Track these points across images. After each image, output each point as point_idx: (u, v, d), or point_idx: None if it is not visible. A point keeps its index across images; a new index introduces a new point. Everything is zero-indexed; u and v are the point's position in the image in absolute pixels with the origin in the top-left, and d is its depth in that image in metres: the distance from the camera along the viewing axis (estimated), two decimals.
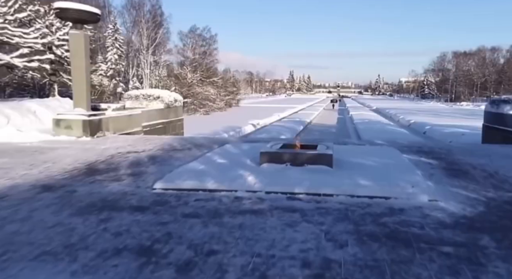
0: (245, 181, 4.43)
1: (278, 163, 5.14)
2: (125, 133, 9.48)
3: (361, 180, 4.47)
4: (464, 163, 6.07)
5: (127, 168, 5.44)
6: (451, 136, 19.16)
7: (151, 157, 6.39)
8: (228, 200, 4.01)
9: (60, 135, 8.18)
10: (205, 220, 3.40)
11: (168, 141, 8.10)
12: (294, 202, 3.97)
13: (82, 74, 8.32)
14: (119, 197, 4.03)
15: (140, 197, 4.05)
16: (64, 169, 5.29)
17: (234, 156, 5.92)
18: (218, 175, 4.64)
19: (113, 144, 7.71)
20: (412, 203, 3.93)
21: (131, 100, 12.89)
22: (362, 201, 4.00)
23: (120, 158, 6.26)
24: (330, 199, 4.06)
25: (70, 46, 8.42)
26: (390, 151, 6.72)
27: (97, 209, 3.62)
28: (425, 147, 7.67)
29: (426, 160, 6.38)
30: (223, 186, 4.33)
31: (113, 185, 4.49)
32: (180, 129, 14.27)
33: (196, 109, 35.21)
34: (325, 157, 5.11)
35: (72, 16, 7.98)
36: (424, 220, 3.45)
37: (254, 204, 3.89)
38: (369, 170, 5.02)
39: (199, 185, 4.35)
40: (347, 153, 6.25)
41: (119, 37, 38.54)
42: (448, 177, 5.15)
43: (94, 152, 6.68)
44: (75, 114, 8.24)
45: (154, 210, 3.65)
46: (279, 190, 4.25)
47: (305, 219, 3.45)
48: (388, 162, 5.53)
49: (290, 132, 19.80)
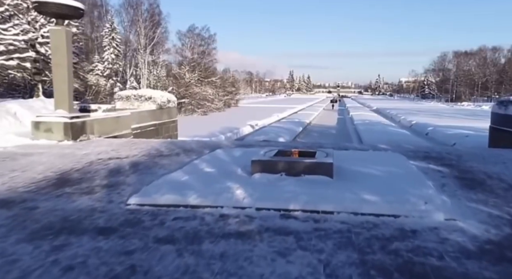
0: (233, 195, 3.87)
1: (272, 172, 4.58)
2: (112, 136, 8.91)
3: (365, 194, 3.91)
4: (478, 171, 5.51)
5: (103, 178, 4.88)
6: (455, 138, 18.61)
7: (134, 164, 5.82)
8: (211, 218, 3.45)
9: (40, 139, 7.60)
10: (181, 247, 2.84)
11: (156, 145, 7.54)
12: (288, 221, 3.42)
13: (64, 73, 7.75)
14: (84, 215, 3.47)
15: (109, 215, 3.48)
16: (32, 179, 4.73)
17: (224, 164, 5.35)
18: (203, 188, 4.08)
19: (96, 148, 7.14)
20: (426, 222, 3.37)
21: (122, 101, 12.35)
22: (367, 220, 3.44)
23: (99, 165, 5.70)
24: (330, 217, 3.50)
25: (51, 43, 7.85)
26: (396, 157, 6.16)
27: (53, 232, 3.05)
28: (432, 152, 7.12)
29: (435, 167, 5.83)
30: (208, 201, 3.77)
31: (82, 200, 3.92)
32: (173, 131, 13.72)
33: (193, 110, 34.65)
34: (324, 166, 4.54)
35: (52, 10, 7.41)
36: (443, 246, 2.89)
37: (241, 224, 3.33)
38: (374, 180, 4.46)
39: (180, 200, 3.79)
40: (349, 159, 5.69)
41: (116, 36, 38.02)
42: (463, 188, 4.59)
43: (72, 158, 6.12)
44: (55, 117, 7.66)
45: (123, 232, 3.08)
46: (271, 206, 3.69)
47: (301, 245, 2.89)
48: (395, 170, 4.97)
49: (289, 134, 19.24)
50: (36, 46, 18.91)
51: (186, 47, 43.93)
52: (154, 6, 38.94)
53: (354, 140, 20.46)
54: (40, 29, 18.35)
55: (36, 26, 18.38)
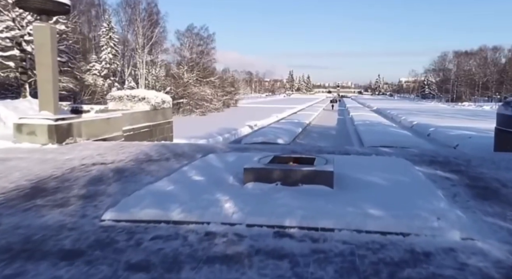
0: (222, 209, 3.45)
1: (266, 181, 4.16)
2: (101, 139, 8.48)
3: (369, 207, 3.49)
4: (490, 178, 5.10)
5: (82, 187, 4.45)
6: (457, 139, 18.19)
7: (119, 170, 5.40)
8: (195, 237, 3.03)
9: (22, 142, 7.16)
10: (156, 275, 2.43)
11: (146, 149, 7.11)
12: (283, 240, 3.00)
13: (48, 72, 7.32)
14: (50, 234, 3.05)
15: (79, 233, 3.06)
16: (2, 189, 4.30)
17: (215, 171, 4.93)
18: (189, 200, 3.66)
19: (82, 152, 6.72)
20: (440, 242, 2.95)
21: (115, 102, 11.94)
22: (372, 239, 3.02)
23: (81, 171, 5.27)
24: (331, 236, 3.09)
25: (34, 41, 7.43)
26: (400, 162, 5.74)
27: (9, 257, 2.63)
28: (438, 156, 6.70)
29: (443, 173, 5.41)
30: (193, 216, 3.35)
31: (53, 214, 3.50)
32: (169, 132, 13.29)
33: (192, 110, 34.20)
34: (324, 175, 4.13)
35: (35, 6, 6.97)
36: (463, 274, 2.47)
37: (229, 244, 2.91)
38: (378, 190, 4.04)
39: (162, 215, 3.37)
40: (350, 165, 5.27)
41: (113, 36, 37.59)
42: (475, 198, 4.17)
43: (53, 164, 5.69)
44: (39, 119, 7.23)
45: (90, 257, 2.66)
46: (264, 222, 3.28)
47: (297, 273, 2.48)
48: (401, 179, 4.55)
49: (288, 135, 18.81)
50: (22, 44, 18.26)
51: (184, 46, 43.47)
52: (152, 5, 38.49)
53: (354, 140, 20.05)
54: (27, 27, 17.53)
55: (23, 23, 17.71)
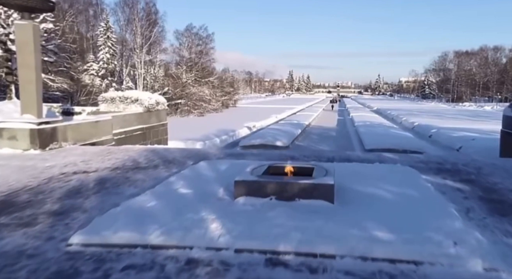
0: (207, 231, 3.02)
1: (260, 196, 3.74)
2: (89, 143, 8.06)
3: (375, 228, 3.06)
4: (505, 190, 4.68)
5: (56, 201, 4.03)
6: (460, 141, 17.77)
7: (101, 180, 4.97)
8: (174, 267, 2.61)
9: (3, 147, 6.73)
10: None
11: (134, 155, 6.69)
12: (275, 271, 2.58)
13: (31, 73, 6.89)
14: (4, 263, 2.62)
15: (38, 262, 2.64)
16: None
17: (205, 182, 4.50)
18: (170, 219, 3.23)
19: (64, 159, 6.29)
20: (459, 274, 2.53)
21: (106, 103, 11.52)
22: (380, 269, 2.60)
23: (59, 182, 4.85)
24: (331, 264, 2.67)
25: (16, 40, 7.00)
26: (406, 171, 5.32)
27: None
28: (446, 163, 6.28)
29: (453, 183, 4.99)
30: (173, 240, 2.93)
31: (14, 236, 3.08)
32: (163, 135, 12.87)
33: (190, 111, 33.77)
34: (323, 189, 3.70)
35: (16, 2, 6.54)
36: None
37: (213, 275, 2.49)
38: (384, 207, 3.62)
39: (138, 239, 2.94)
40: (352, 175, 4.85)
41: (111, 35, 37.15)
42: (493, 214, 3.75)
43: (31, 173, 5.27)
44: (21, 122, 6.79)
45: None
46: (255, 246, 2.85)
47: None
48: (408, 192, 4.12)
49: (287, 137, 18.37)
50: (7, 43, 17.68)
51: (183, 46, 43.06)
52: (151, 5, 38.07)
53: (355, 142, 19.61)
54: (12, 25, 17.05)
55: (9, 21, 17.20)
